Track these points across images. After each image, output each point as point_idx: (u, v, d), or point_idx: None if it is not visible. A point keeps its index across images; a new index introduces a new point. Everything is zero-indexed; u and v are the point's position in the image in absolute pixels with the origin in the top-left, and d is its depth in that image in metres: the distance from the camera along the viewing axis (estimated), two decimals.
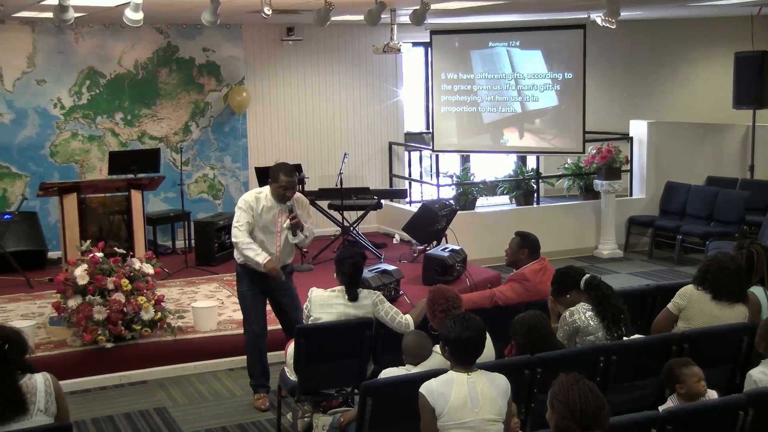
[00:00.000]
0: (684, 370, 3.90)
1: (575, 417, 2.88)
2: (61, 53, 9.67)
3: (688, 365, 3.92)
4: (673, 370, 3.94)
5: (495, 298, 5.31)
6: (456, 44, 10.59)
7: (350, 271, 4.89)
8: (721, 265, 4.77)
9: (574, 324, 4.55)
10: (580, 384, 2.93)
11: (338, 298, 4.92)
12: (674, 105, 13.54)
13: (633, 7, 10.22)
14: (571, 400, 2.89)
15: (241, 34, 10.51)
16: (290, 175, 5.41)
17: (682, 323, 4.83)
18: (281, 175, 5.40)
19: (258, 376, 5.76)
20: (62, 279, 6.41)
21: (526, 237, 5.47)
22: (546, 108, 10.25)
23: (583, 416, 2.87)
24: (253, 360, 5.72)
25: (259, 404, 5.76)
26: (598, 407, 2.89)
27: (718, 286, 4.74)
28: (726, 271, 4.74)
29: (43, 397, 3.43)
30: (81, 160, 9.86)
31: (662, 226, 10.49)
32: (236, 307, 7.47)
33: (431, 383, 3.56)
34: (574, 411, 2.88)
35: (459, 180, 10.89)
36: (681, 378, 3.89)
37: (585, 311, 4.57)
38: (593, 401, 2.89)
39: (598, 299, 4.57)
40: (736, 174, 11.21)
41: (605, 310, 4.55)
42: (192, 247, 9.59)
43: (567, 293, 4.73)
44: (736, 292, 4.76)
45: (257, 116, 10.73)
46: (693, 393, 3.87)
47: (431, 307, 4.48)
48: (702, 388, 3.87)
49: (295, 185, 5.51)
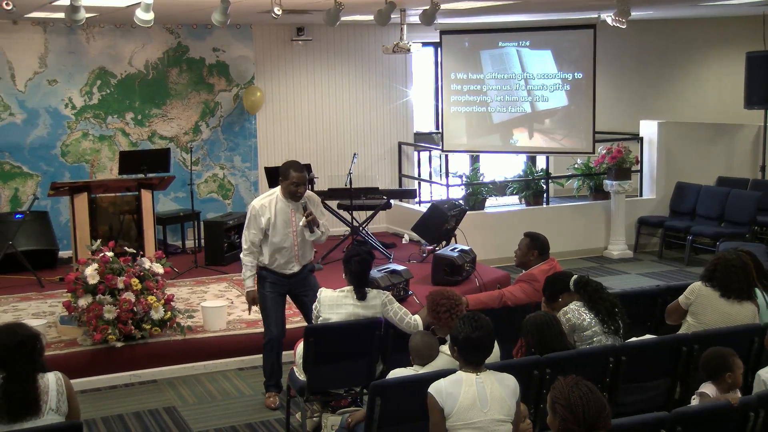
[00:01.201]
0: (736, 360, 3.92)
1: (578, 419, 2.87)
2: (73, 53, 9.72)
3: (735, 355, 3.93)
4: (726, 358, 3.92)
5: (504, 298, 5.30)
6: (466, 44, 10.57)
7: (357, 269, 4.89)
8: (729, 262, 4.79)
9: (569, 323, 4.57)
10: (580, 385, 2.93)
11: (347, 298, 4.92)
12: (685, 105, 13.49)
13: (643, 6, 10.18)
14: (572, 402, 2.88)
15: (252, 34, 10.53)
16: (300, 170, 5.44)
17: (691, 318, 4.84)
18: (291, 171, 5.43)
19: (271, 375, 5.80)
20: (73, 278, 6.44)
21: (536, 238, 5.46)
22: (556, 108, 10.23)
23: (586, 417, 2.87)
24: (269, 360, 5.75)
25: (269, 403, 5.80)
26: (600, 407, 2.89)
27: (727, 284, 4.76)
28: (734, 269, 4.76)
29: (55, 396, 3.45)
30: (92, 159, 9.90)
31: (672, 226, 10.45)
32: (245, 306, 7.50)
33: (440, 383, 3.55)
34: (576, 413, 2.87)
35: (468, 180, 10.88)
36: (733, 367, 3.90)
37: (576, 309, 4.60)
38: (594, 402, 2.89)
39: (589, 296, 4.62)
40: (747, 174, 11.16)
41: (598, 305, 4.59)
42: (201, 246, 9.61)
43: (558, 297, 4.77)
44: (745, 290, 4.77)
45: (267, 116, 10.74)
46: (737, 384, 3.89)
47: (434, 311, 4.46)
48: (741, 381, 3.89)
49: (306, 181, 5.52)
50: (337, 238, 9.63)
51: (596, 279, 4.86)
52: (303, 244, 5.62)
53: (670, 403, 4.42)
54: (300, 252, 5.62)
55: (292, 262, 5.62)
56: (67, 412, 3.50)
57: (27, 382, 3.40)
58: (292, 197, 5.49)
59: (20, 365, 3.40)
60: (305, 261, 5.69)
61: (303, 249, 5.63)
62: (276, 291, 5.66)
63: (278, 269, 5.60)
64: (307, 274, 5.72)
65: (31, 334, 3.49)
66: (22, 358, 3.40)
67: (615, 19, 8.26)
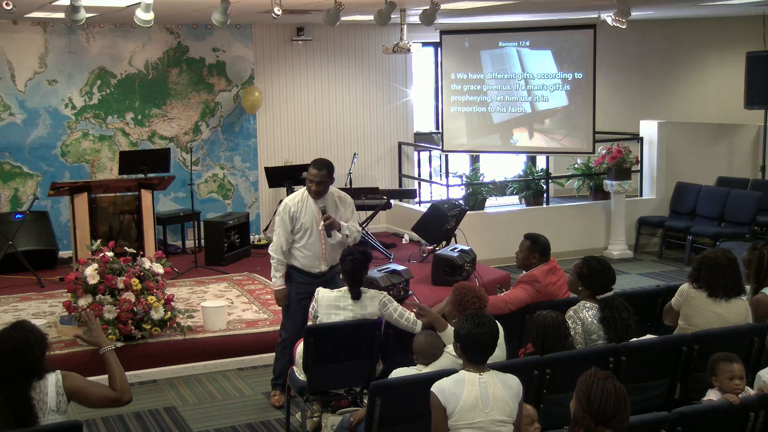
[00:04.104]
0: (721, 365, 3.92)
1: (592, 411, 2.95)
2: (73, 53, 9.72)
3: (728, 361, 3.92)
4: (712, 362, 3.96)
5: (509, 305, 5.21)
6: (466, 44, 10.57)
7: (350, 268, 4.89)
8: (714, 261, 4.73)
9: (580, 321, 4.56)
10: (607, 382, 2.99)
11: (345, 299, 4.93)
12: (685, 105, 13.49)
13: (643, 7, 10.19)
14: (592, 394, 2.96)
15: (252, 34, 10.53)
16: (318, 168, 5.44)
17: (683, 322, 4.83)
18: (311, 168, 5.48)
19: (280, 375, 5.81)
20: (73, 278, 6.44)
21: (537, 241, 5.40)
22: (556, 108, 10.23)
23: (600, 413, 2.94)
24: (281, 360, 5.75)
25: (274, 401, 5.84)
26: (618, 410, 2.95)
27: (713, 283, 4.71)
28: (719, 267, 4.71)
29: (54, 398, 3.43)
30: (92, 159, 9.90)
31: (672, 226, 10.45)
32: (245, 306, 7.53)
33: (443, 382, 3.55)
34: (591, 405, 2.95)
35: (468, 180, 10.88)
36: (716, 372, 3.92)
37: (588, 309, 4.58)
38: (614, 402, 2.95)
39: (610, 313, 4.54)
40: (747, 174, 11.16)
41: (610, 325, 4.52)
42: (202, 246, 9.60)
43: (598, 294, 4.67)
44: (732, 287, 4.73)
45: (267, 116, 10.75)
46: (724, 389, 3.88)
47: (460, 305, 4.38)
48: (734, 386, 3.87)
49: (324, 179, 5.46)
50: None
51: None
52: (330, 246, 5.58)
53: (670, 403, 4.42)
54: (327, 251, 5.59)
55: (318, 260, 5.59)
56: (67, 411, 3.48)
57: (14, 395, 3.30)
58: (311, 195, 5.50)
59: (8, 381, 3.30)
60: (333, 262, 5.60)
61: (330, 250, 5.59)
62: (302, 293, 5.60)
63: (305, 268, 5.59)
64: (334, 275, 5.62)
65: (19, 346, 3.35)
66: (10, 372, 3.33)
67: (615, 19, 8.27)
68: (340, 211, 5.58)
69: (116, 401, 3.57)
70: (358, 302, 4.90)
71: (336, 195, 5.60)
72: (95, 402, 3.57)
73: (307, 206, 5.52)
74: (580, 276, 4.76)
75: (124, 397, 3.57)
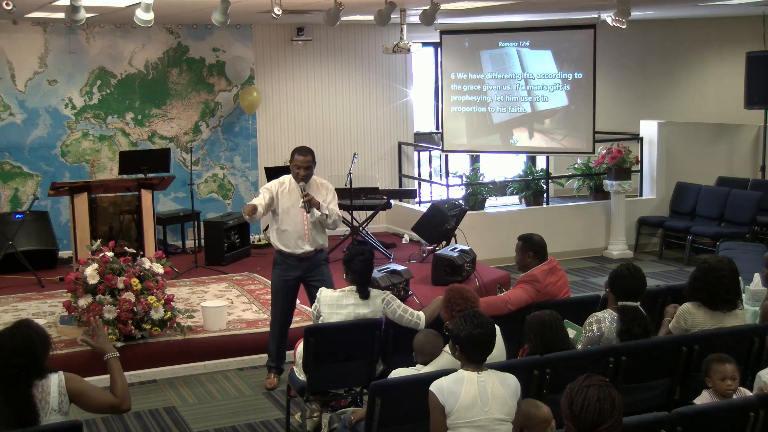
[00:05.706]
0: (714, 365, 3.92)
1: (573, 417, 2.88)
2: (73, 53, 9.72)
3: (721, 362, 3.92)
4: (706, 363, 3.97)
5: (509, 305, 5.20)
6: (466, 44, 10.57)
7: (361, 268, 4.91)
8: (719, 272, 4.60)
9: (600, 331, 4.52)
10: (590, 390, 2.87)
11: (348, 298, 4.93)
12: (685, 105, 13.49)
13: (643, 7, 10.19)
14: (575, 400, 2.88)
15: (252, 34, 10.53)
16: (304, 154, 5.73)
17: None
18: (296, 154, 5.75)
19: (273, 357, 6.09)
20: (73, 278, 6.44)
21: (528, 239, 5.38)
22: (556, 108, 10.23)
23: (580, 420, 2.86)
24: (274, 343, 6.05)
25: (267, 383, 6.08)
26: (600, 419, 2.83)
27: (714, 294, 4.61)
28: (725, 280, 4.60)
29: (57, 398, 3.43)
30: (92, 159, 9.90)
31: (672, 226, 10.45)
32: (245, 306, 7.54)
33: (442, 381, 3.56)
34: (573, 411, 2.88)
35: (468, 180, 10.88)
36: (710, 373, 3.93)
37: (611, 321, 4.54)
38: (597, 412, 2.83)
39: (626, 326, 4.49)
40: (747, 174, 11.16)
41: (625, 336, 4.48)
42: (202, 246, 9.60)
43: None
44: (732, 300, 4.64)
45: (267, 116, 10.75)
46: (717, 390, 3.89)
47: (448, 308, 4.45)
48: (726, 387, 3.87)
49: (310, 164, 5.73)
50: (337, 238, 9.64)
51: (597, 279, 4.81)
52: (313, 225, 5.80)
53: (670, 403, 4.42)
54: (310, 231, 5.79)
55: (302, 239, 5.80)
56: (68, 411, 3.48)
57: (15, 396, 3.31)
58: (296, 178, 5.74)
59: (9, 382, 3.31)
60: (317, 244, 5.85)
61: (313, 229, 5.81)
62: (287, 277, 5.85)
63: (288, 249, 5.80)
64: (320, 260, 5.91)
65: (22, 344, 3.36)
66: (12, 370, 3.32)
67: (615, 19, 8.27)
68: (321, 194, 5.81)
69: (116, 407, 3.59)
70: (362, 301, 4.92)
71: (318, 181, 5.90)
72: (96, 406, 3.58)
73: (291, 188, 5.79)
74: (610, 277, 4.72)
75: (125, 404, 3.60)
